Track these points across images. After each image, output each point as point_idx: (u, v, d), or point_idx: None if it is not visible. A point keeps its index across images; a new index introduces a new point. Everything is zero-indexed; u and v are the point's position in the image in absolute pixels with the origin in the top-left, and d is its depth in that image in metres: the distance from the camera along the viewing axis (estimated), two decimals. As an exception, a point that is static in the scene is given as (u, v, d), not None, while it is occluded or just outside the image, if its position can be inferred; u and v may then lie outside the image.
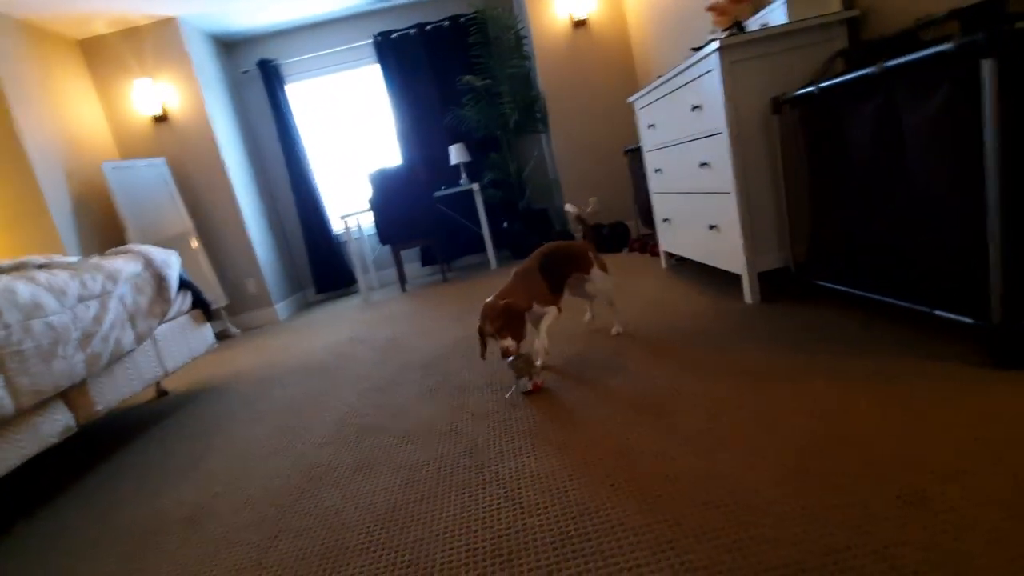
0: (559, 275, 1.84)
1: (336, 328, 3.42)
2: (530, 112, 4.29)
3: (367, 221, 4.90)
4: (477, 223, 4.82)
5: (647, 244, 3.43)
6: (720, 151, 1.95)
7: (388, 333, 2.91)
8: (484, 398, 1.68)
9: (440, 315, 3.06)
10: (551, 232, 4.51)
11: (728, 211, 2.00)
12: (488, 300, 1.66)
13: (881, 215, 1.51)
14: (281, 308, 4.40)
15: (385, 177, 4.05)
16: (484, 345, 1.74)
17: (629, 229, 4.01)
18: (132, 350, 2.10)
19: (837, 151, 1.63)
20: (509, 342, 1.59)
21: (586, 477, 1.12)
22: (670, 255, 2.93)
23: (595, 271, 1.94)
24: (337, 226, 4.92)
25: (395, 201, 4.07)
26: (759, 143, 1.90)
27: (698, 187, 2.21)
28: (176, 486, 1.57)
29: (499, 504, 1.10)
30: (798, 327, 1.67)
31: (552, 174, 4.62)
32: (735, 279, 2.35)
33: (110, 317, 1.97)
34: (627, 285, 2.72)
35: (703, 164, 2.11)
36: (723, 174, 1.97)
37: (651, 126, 2.62)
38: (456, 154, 4.41)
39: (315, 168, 4.82)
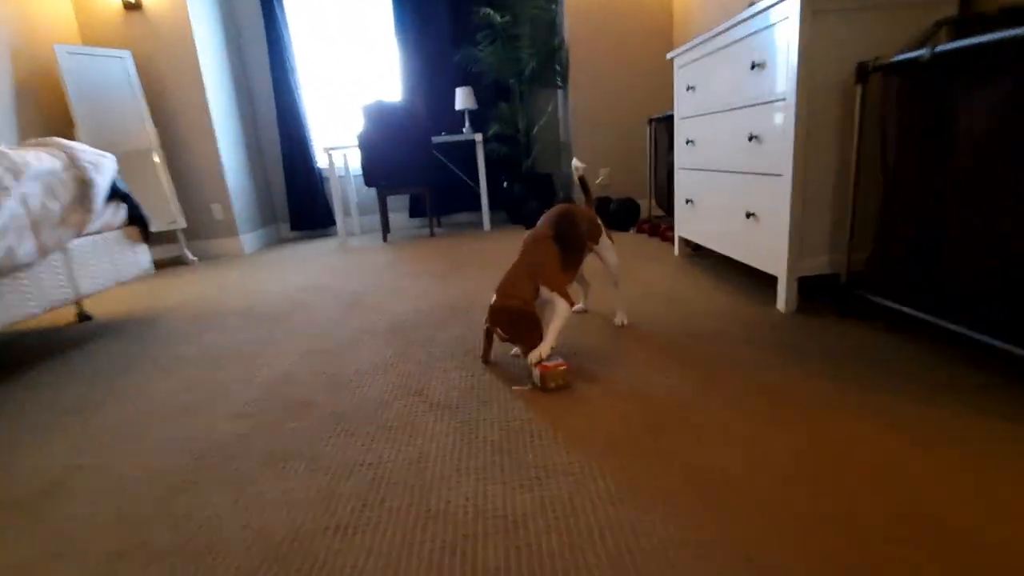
0: (577, 244, 1.49)
1: (302, 271, 3.05)
2: (549, 62, 3.85)
3: (354, 159, 4.46)
4: (475, 178, 4.41)
5: (658, 227, 3.08)
6: (779, 123, 1.59)
7: (358, 285, 2.55)
8: (453, 384, 1.34)
9: (420, 273, 2.71)
10: (553, 199, 4.13)
11: (775, 198, 1.64)
12: (494, 301, 1.33)
13: (984, 227, 1.17)
14: (248, 240, 4.00)
15: (381, 112, 3.61)
16: (489, 346, 1.46)
17: (639, 208, 3.64)
18: (31, 263, 1.72)
19: (940, 140, 1.27)
20: (519, 348, 1.36)
21: (562, 530, 0.79)
22: (686, 242, 2.59)
23: (604, 239, 1.63)
24: (321, 160, 4.48)
25: (388, 141, 3.64)
26: (831, 118, 1.54)
27: (740, 165, 1.85)
28: (47, 443, 1.23)
29: (442, 552, 0.77)
30: (845, 350, 1.34)
31: (564, 136, 4.21)
32: (765, 280, 2.02)
33: (2, 219, 1.58)
34: (634, 271, 2.38)
35: (752, 138, 1.74)
36: (777, 151, 1.62)
37: (691, 88, 2.24)
38: (462, 98, 3.97)
39: (305, 92, 4.34)
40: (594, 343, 1.55)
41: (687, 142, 2.32)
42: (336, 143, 3.85)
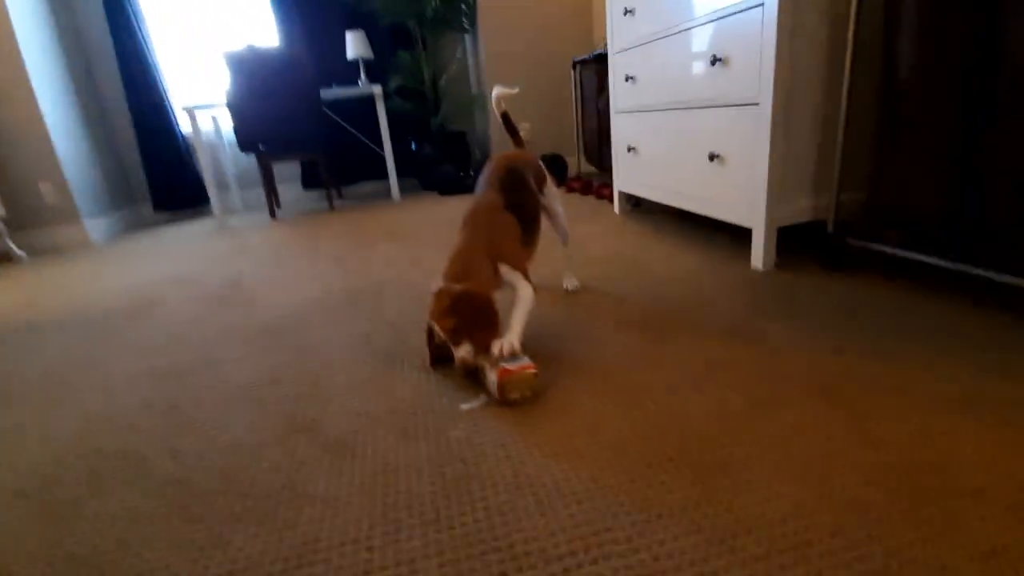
0: (532, 209, 1.13)
1: (166, 260, 2.43)
2: (454, 1, 3.36)
3: (227, 121, 3.74)
4: (378, 140, 3.86)
5: (591, 185, 2.77)
6: (753, 35, 1.28)
7: (232, 273, 2.01)
8: (359, 408, 0.93)
9: (315, 254, 2.21)
10: (469, 161, 3.70)
11: (748, 132, 1.35)
12: (439, 285, 0.94)
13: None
14: (96, 227, 3.22)
15: (252, 61, 2.95)
16: (433, 352, 1.04)
17: (567, 165, 3.31)
18: None
19: (986, 45, 1.00)
20: (465, 350, 0.91)
21: None
22: (627, 197, 2.29)
23: (551, 187, 1.29)
24: (185, 124, 3.71)
25: (264, 96, 3.00)
26: (818, 28, 1.25)
27: (699, 98, 1.54)
28: None
29: None
30: (862, 313, 1.08)
31: (476, 88, 3.76)
32: (731, 234, 1.75)
33: None
34: (575, 233, 2.02)
35: (716, 60, 1.43)
36: (749, 74, 1.31)
37: (629, 12, 1.89)
38: (354, 45, 3.39)
39: (156, 36, 3.54)
40: (545, 316, 1.19)
41: (626, 79, 1.98)
42: (199, 102, 3.15)
